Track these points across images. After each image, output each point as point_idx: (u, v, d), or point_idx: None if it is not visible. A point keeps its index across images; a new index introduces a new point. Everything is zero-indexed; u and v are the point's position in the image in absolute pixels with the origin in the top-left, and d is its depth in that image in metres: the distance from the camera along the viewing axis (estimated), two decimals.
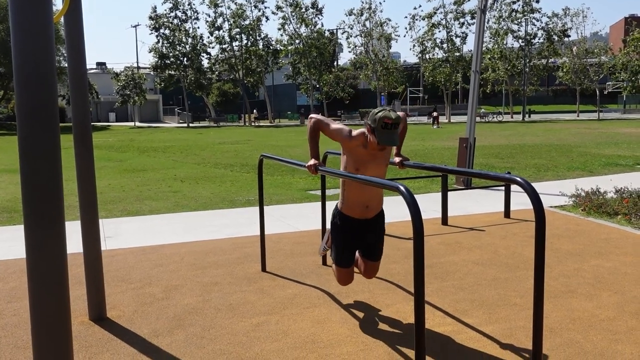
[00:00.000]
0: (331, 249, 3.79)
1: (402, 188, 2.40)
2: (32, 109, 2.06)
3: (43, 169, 2.08)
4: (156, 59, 51.50)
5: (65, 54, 3.66)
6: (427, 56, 52.06)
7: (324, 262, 4.98)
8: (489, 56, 49.81)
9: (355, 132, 3.44)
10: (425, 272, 4.58)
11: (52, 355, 2.13)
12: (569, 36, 52.20)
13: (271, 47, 53.42)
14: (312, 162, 3.55)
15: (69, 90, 3.59)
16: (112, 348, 3.33)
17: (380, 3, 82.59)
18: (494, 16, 50.13)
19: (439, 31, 51.00)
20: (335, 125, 3.53)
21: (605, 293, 4.11)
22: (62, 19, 3.57)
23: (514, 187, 7.38)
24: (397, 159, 3.88)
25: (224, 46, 52.95)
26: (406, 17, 53.68)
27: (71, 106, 3.60)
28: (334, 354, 3.20)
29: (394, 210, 7.14)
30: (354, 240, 3.64)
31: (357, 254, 3.79)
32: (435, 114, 40.06)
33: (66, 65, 3.78)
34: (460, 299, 4.07)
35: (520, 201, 7.57)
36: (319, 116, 3.65)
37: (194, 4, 51.74)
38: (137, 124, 52.30)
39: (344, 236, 3.61)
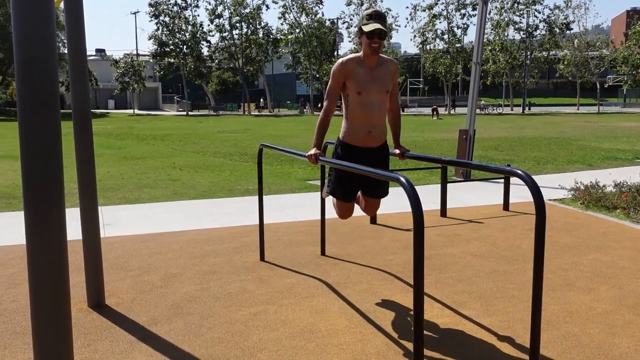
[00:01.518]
0: (330, 182, 3.76)
1: (402, 179, 2.39)
2: (33, 105, 2.04)
3: (44, 162, 2.07)
4: (156, 47, 51.22)
5: (65, 41, 3.63)
6: (428, 47, 51.90)
7: (323, 253, 4.99)
8: (489, 48, 49.64)
9: (348, 57, 3.55)
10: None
11: (52, 342, 2.13)
12: (570, 29, 52.03)
13: (271, 36, 53.18)
14: (313, 151, 3.54)
15: (69, 77, 3.56)
16: (111, 335, 3.33)
17: None
18: (496, 7, 49.93)
19: (440, 22, 50.86)
20: (331, 80, 3.58)
21: (603, 287, 4.13)
22: (61, 5, 3.54)
23: (513, 179, 7.37)
24: (397, 150, 3.87)
25: (224, 34, 52.70)
26: (407, 7, 53.45)
27: (71, 93, 3.57)
28: (332, 344, 3.21)
29: (393, 201, 7.14)
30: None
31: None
32: (435, 105, 40.01)
33: (65, 51, 3.76)
34: (458, 290, 4.07)
35: (519, 194, 7.57)
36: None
37: None
38: (136, 111, 52.16)
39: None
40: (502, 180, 7.47)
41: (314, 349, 3.15)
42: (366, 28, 3.40)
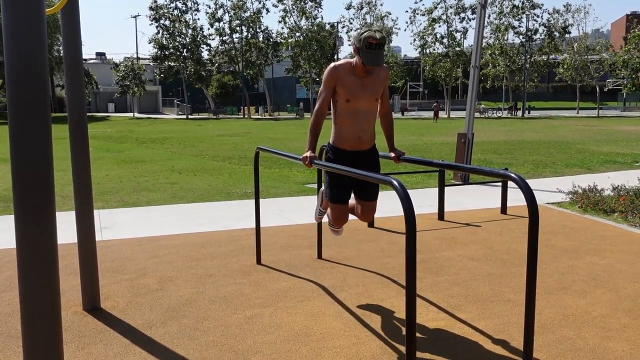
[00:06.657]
0: (325, 187, 3.77)
1: (395, 182, 2.39)
2: (23, 105, 2.04)
3: (33, 164, 2.07)
4: (156, 50, 51.36)
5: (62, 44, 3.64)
6: (428, 51, 51.96)
7: (319, 256, 4.98)
8: (489, 52, 49.72)
9: (340, 62, 3.54)
10: (419, 266, 4.58)
11: (41, 345, 2.13)
12: (569, 33, 52.12)
13: (271, 40, 53.30)
14: (307, 154, 3.54)
15: (65, 80, 3.57)
16: (105, 338, 3.33)
17: None
18: (495, 12, 50.05)
19: (440, 26, 50.95)
20: (323, 83, 3.57)
21: (599, 290, 4.12)
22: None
23: (511, 183, 7.37)
24: (392, 154, 3.87)
25: (224, 38, 52.82)
26: (407, 11, 53.62)
27: (66, 96, 3.58)
28: (326, 347, 3.20)
29: (391, 205, 7.14)
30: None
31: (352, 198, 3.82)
32: (436, 103, 40.11)
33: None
34: (454, 294, 4.07)
35: (518, 197, 7.57)
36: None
37: None
38: (136, 114, 52.21)
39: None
40: (500, 184, 7.47)
41: (309, 352, 3.14)
42: (364, 59, 3.32)
